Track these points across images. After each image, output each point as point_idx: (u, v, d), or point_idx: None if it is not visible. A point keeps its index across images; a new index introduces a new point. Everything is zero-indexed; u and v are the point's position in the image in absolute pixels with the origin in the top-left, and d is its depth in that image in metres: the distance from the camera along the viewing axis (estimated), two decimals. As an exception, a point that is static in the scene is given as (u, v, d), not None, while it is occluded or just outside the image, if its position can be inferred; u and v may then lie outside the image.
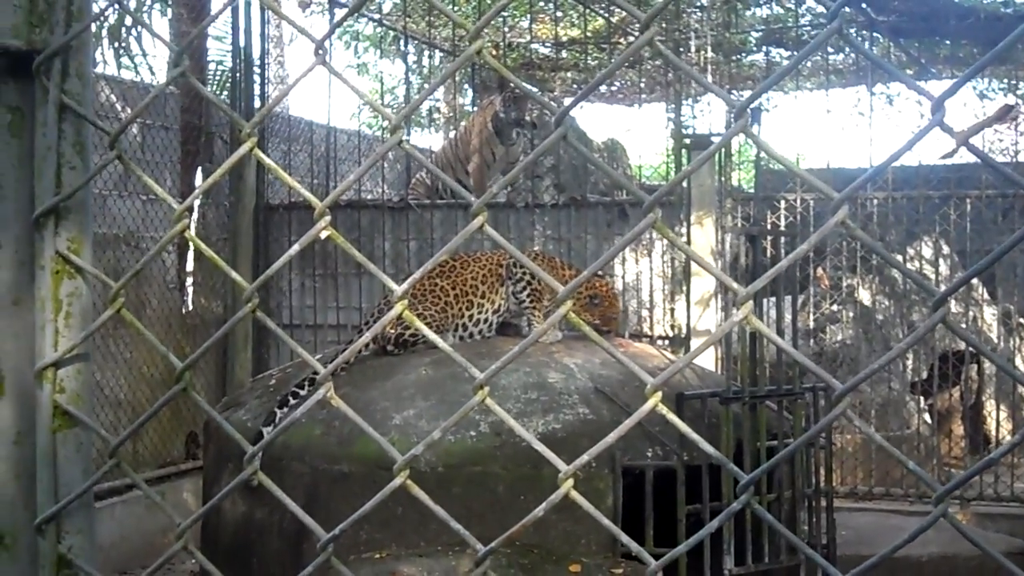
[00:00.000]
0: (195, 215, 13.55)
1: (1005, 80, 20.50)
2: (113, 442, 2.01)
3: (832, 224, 1.51)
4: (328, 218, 1.78)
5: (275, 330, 1.86)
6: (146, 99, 2.93)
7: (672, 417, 1.66)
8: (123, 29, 13.62)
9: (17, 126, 2.01)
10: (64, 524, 2.04)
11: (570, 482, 1.65)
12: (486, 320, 8.62)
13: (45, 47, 1.98)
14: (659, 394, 1.59)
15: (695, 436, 1.67)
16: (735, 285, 1.54)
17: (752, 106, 1.90)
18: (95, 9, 2.26)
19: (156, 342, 2.05)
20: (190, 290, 14.30)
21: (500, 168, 13.93)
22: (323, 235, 1.78)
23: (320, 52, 1.88)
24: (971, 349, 13.79)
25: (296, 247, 1.90)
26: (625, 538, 1.66)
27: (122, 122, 2.12)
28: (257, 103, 13.30)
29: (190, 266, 14.33)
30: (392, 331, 8.35)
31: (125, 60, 14.33)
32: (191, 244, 13.95)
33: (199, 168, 13.84)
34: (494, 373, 1.72)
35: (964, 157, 13.13)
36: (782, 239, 9.52)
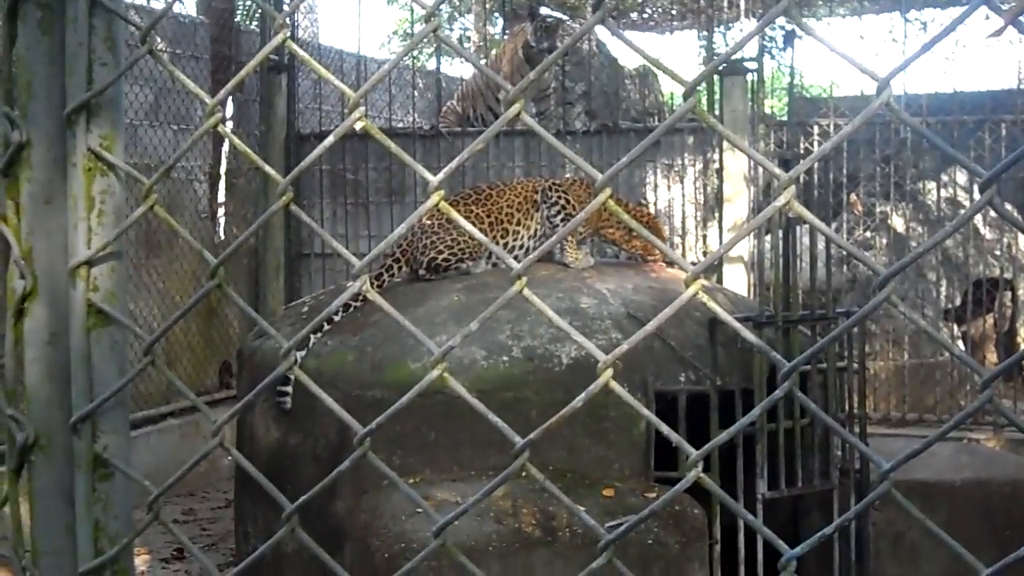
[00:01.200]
0: (226, 145, 13.54)
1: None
2: (148, 339, 2.00)
3: (877, 105, 1.47)
4: (362, 108, 1.75)
5: (309, 223, 1.83)
6: None
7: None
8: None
9: (47, 22, 1.98)
10: (99, 423, 2.03)
11: (609, 372, 1.63)
12: (522, 246, 8.58)
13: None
14: (699, 282, 1.56)
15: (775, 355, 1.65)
16: (777, 170, 1.51)
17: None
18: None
19: (189, 238, 2.03)
20: (222, 220, 14.31)
21: (531, 96, 13.86)
22: (358, 126, 1.76)
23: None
24: (1006, 275, 13.74)
25: (331, 137, 1.88)
26: (663, 427, 1.64)
27: (153, 17, 2.09)
28: (288, 31, 13.23)
29: (222, 196, 14.33)
30: (424, 256, 8.35)
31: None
32: (222, 175, 14.04)
33: (230, 97, 13.80)
34: (531, 263, 1.69)
35: (1001, 84, 12.99)
36: (815, 163, 9.44)
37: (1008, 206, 14.59)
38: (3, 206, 2.05)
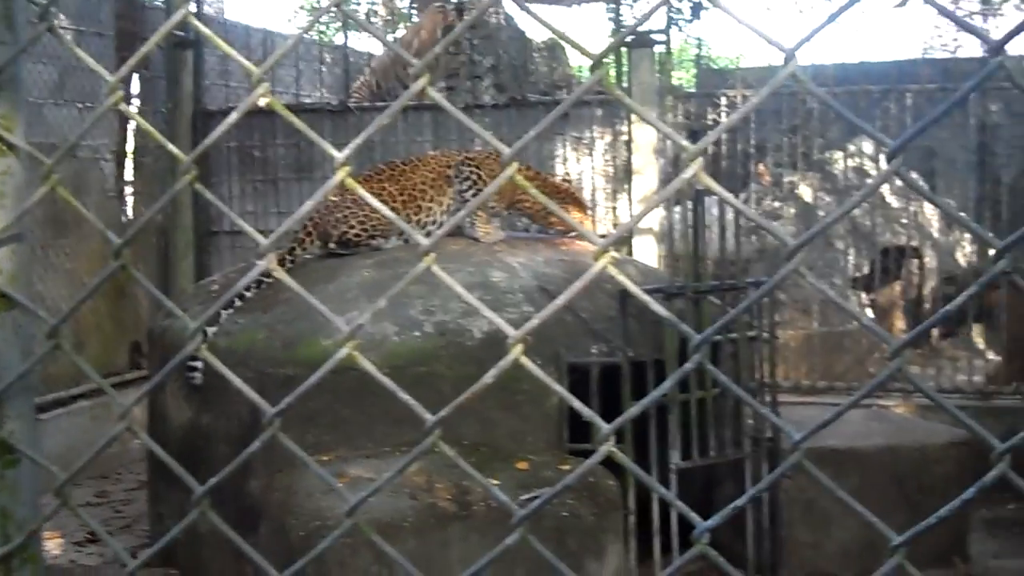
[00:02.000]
0: (132, 123, 13.38)
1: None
2: (52, 322, 1.96)
3: (783, 76, 1.47)
4: (266, 85, 1.72)
5: (215, 201, 1.80)
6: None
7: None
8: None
9: (-59, 0, 1.94)
10: (4, 409, 2.00)
11: (519, 347, 1.62)
12: (435, 222, 8.56)
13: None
14: (607, 256, 1.56)
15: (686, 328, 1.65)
16: (684, 142, 1.51)
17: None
18: None
19: (93, 218, 1.99)
20: (129, 199, 14.14)
21: (442, 75, 13.85)
22: (262, 102, 1.73)
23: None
24: (912, 243, 13.89)
25: (235, 114, 1.85)
26: (575, 401, 1.64)
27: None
28: (193, 6, 13.14)
29: (129, 175, 14.15)
30: (336, 230, 8.31)
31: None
32: (130, 154, 13.87)
33: (136, 75, 13.64)
34: (438, 239, 1.68)
35: (906, 54, 13.10)
36: (723, 135, 9.49)
37: (914, 175, 14.78)
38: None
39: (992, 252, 1.44)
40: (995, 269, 1.39)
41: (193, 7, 13.09)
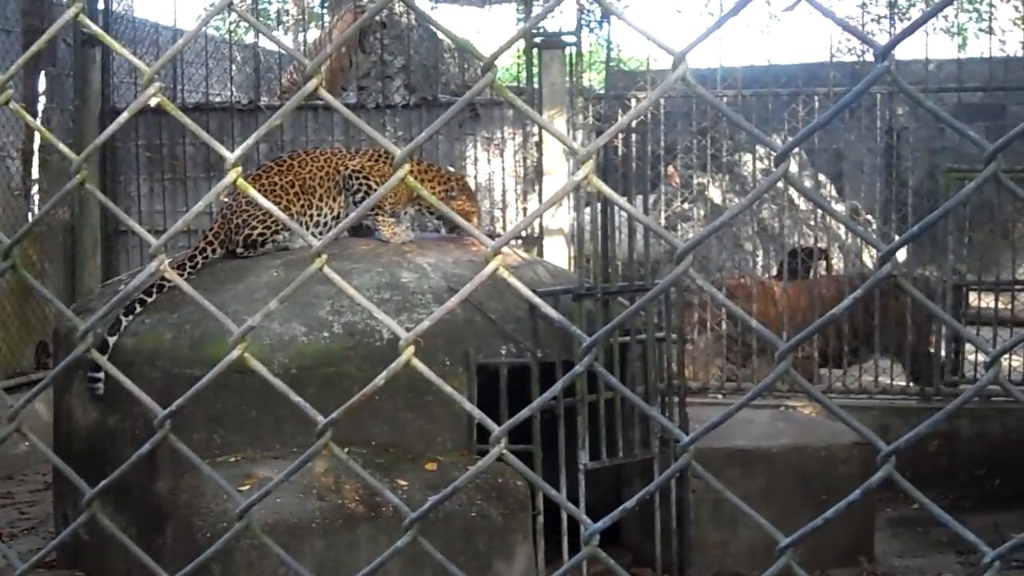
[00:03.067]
0: (38, 120, 13.22)
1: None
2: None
3: (673, 79, 1.48)
4: (159, 84, 1.71)
5: (104, 201, 1.79)
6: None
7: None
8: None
9: None
10: None
11: (411, 349, 1.62)
12: (326, 224, 8.48)
13: None
14: (498, 258, 1.56)
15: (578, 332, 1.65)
16: (575, 144, 1.51)
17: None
18: None
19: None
20: (36, 198, 13.98)
21: (357, 76, 13.84)
22: (153, 102, 1.72)
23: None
24: (820, 245, 14.02)
25: (126, 113, 1.83)
26: (465, 403, 1.64)
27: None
28: (101, 3, 13.04)
29: (36, 173, 14.00)
30: (239, 235, 8.24)
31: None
32: (36, 152, 13.71)
33: (43, 72, 13.49)
34: (329, 241, 1.67)
35: (814, 57, 13.22)
36: (633, 136, 9.53)
37: (821, 177, 14.94)
38: None
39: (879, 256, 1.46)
40: (879, 274, 1.40)
41: (101, 3, 12.96)
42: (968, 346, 11.66)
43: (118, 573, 7.51)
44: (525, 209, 12.31)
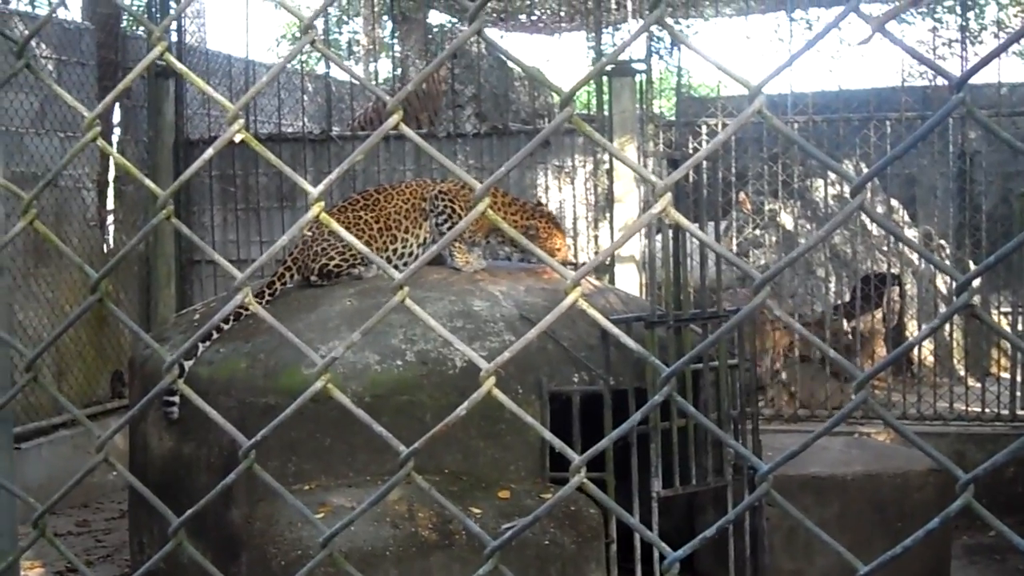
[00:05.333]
0: (116, 149, 13.37)
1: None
2: (30, 356, 1.97)
3: (749, 113, 1.50)
4: (241, 121, 1.74)
5: (190, 235, 1.82)
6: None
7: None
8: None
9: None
10: (-19, 441, 2.01)
11: (492, 380, 1.64)
12: (411, 254, 8.55)
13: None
14: (577, 290, 1.58)
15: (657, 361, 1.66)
16: (652, 177, 1.53)
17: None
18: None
19: (70, 253, 2.00)
20: (111, 228, 14.14)
21: (439, 107, 14.01)
22: (237, 138, 1.75)
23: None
24: (893, 271, 13.94)
25: (211, 150, 1.87)
26: (546, 433, 1.66)
27: (31, 29, 2.06)
28: (175, 35, 13.21)
29: (111, 204, 14.16)
30: (316, 263, 8.32)
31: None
32: (111, 182, 13.88)
33: (116, 104, 13.65)
34: (411, 273, 1.70)
35: (885, 81, 13.16)
36: (704, 163, 9.52)
37: (894, 202, 14.83)
38: None
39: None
40: (957, 304, 1.41)
41: (174, 36, 13.12)
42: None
43: (193, 600, 7.57)
44: (596, 236, 12.32)
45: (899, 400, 12.11)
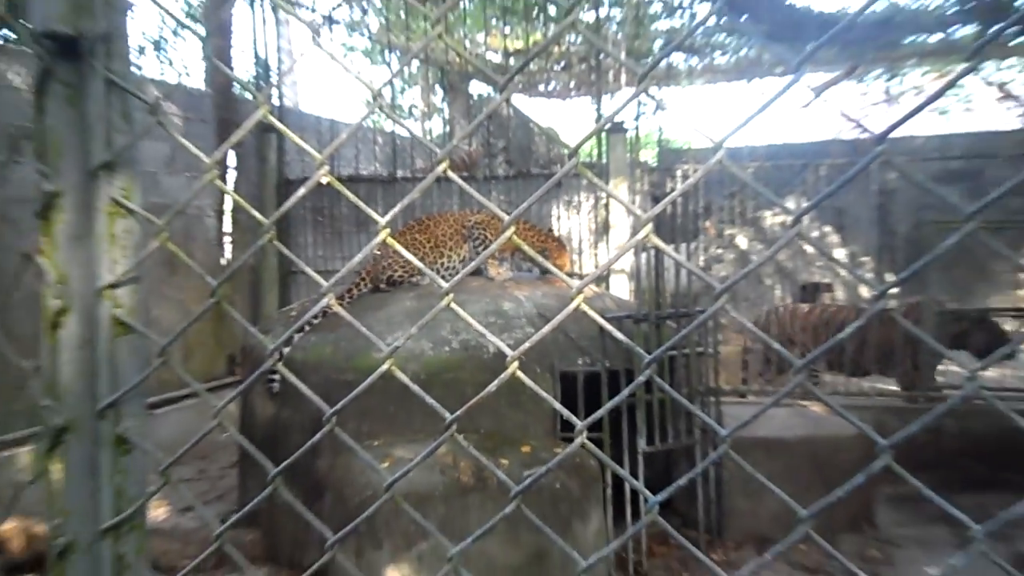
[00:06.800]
0: (229, 186, 13.40)
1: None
2: (162, 344, 1.96)
3: (714, 162, 1.48)
4: (327, 167, 1.73)
5: (287, 253, 1.81)
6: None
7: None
8: (163, 42, 13.49)
9: (73, 98, 1.94)
10: (121, 410, 1.99)
11: (516, 363, 1.62)
12: (454, 267, 8.63)
13: (89, 32, 1.92)
14: (580, 296, 1.56)
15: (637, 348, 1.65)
16: (637, 211, 1.52)
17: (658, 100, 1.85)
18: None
19: (195, 265, 2.00)
20: (228, 246, 14.19)
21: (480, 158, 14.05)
22: (323, 180, 1.74)
23: (315, 38, 1.83)
24: (826, 281, 13.88)
25: (303, 189, 1.86)
26: (556, 404, 1.64)
27: (165, 89, 2.05)
28: (276, 100, 13.23)
29: (228, 227, 14.22)
30: (384, 274, 8.40)
31: (166, 67, 14.21)
32: (227, 211, 13.91)
33: (232, 151, 13.68)
34: (456, 283, 1.68)
35: (822, 135, 13.09)
36: (678, 199, 9.48)
37: (827, 228, 14.76)
38: (40, 242, 2.01)
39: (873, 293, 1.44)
40: (872, 308, 1.39)
41: (275, 100, 13.14)
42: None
43: (285, 531, 7.56)
44: (596, 255, 12.30)
45: (831, 380, 12.04)
